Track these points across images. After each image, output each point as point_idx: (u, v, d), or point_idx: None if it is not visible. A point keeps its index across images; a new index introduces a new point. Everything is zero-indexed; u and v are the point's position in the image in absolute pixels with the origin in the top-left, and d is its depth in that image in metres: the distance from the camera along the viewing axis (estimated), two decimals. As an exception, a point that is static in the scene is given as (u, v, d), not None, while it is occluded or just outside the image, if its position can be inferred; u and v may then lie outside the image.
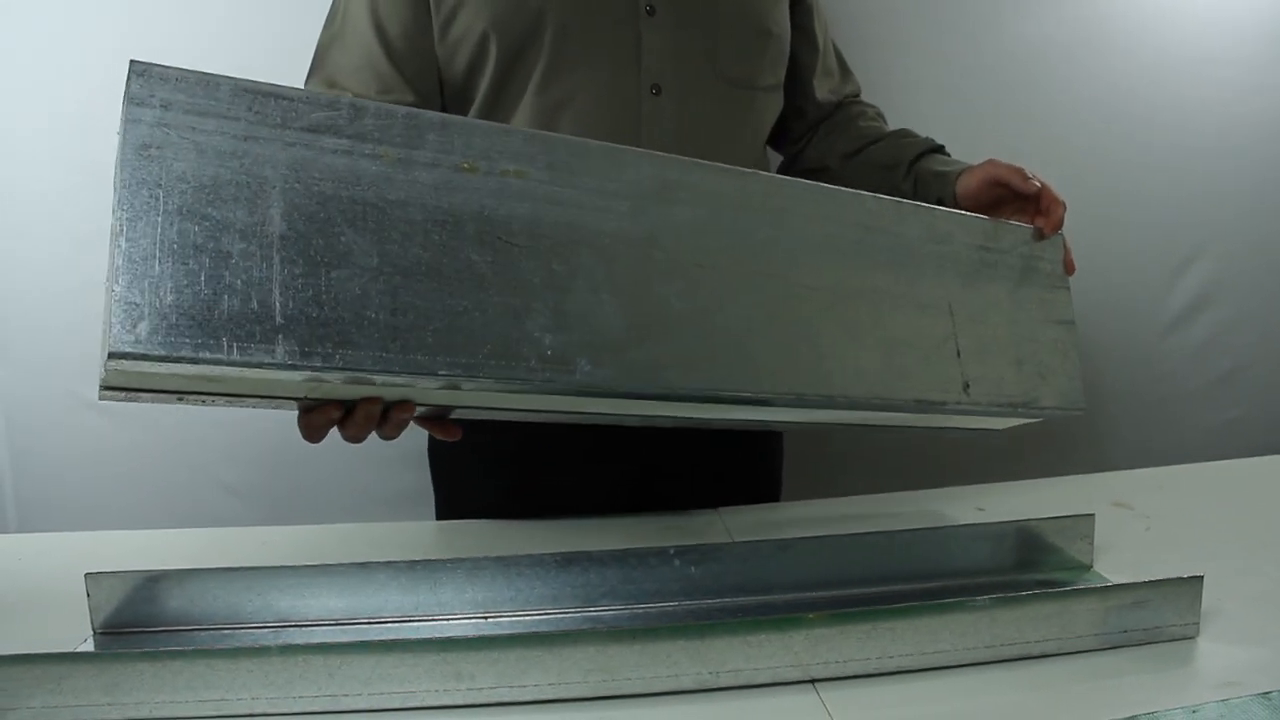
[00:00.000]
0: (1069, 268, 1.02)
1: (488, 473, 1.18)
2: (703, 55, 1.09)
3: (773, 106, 1.19)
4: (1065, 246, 1.02)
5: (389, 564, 0.85)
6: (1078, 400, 1.01)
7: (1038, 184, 1.00)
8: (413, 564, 0.85)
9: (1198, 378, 1.75)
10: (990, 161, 1.04)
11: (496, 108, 1.06)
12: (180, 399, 0.73)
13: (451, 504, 1.25)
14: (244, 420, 1.48)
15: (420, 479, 1.29)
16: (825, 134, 1.25)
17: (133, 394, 0.72)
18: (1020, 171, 1.01)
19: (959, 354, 0.92)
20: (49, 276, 1.45)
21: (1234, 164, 1.69)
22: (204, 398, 0.74)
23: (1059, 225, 1.00)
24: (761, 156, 1.21)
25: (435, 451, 1.26)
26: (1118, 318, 1.69)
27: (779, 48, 1.16)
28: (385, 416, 0.79)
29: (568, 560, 0.86)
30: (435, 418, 0.87)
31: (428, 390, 0.74)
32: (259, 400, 0.76)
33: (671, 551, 0.87)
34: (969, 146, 1.58)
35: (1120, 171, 1.66)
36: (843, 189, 0.89)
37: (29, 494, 1.50)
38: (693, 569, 0.87)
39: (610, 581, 0.87)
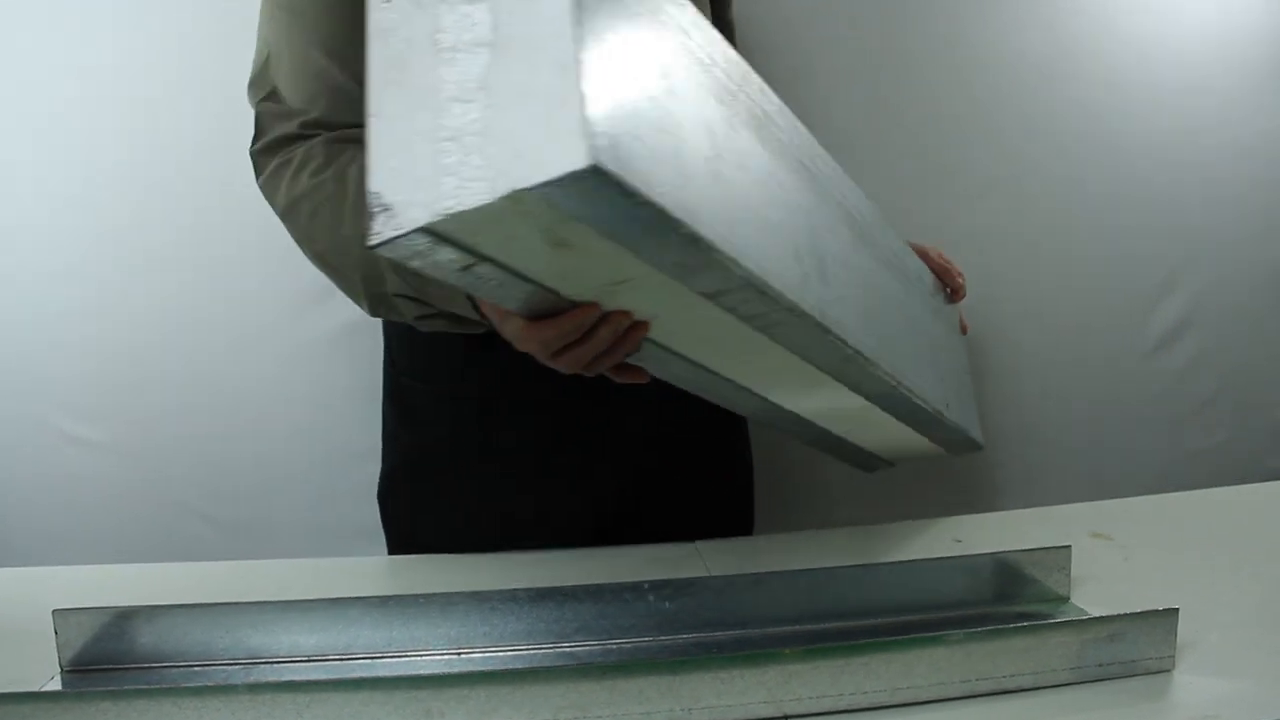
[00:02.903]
0: (963, 328, 1.20)
1: (452, 506, 1.17)
2: None
3: None
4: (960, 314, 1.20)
5: (361, 600, 0.85)
6: (979, 441, 1.18)
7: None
8: (385, 599, 0.85)
9: (1182, 401, 1.75)
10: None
11: None
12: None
13: (411, 539, 1.22)
14: (223, 451, 1.48)
15: None
16: None
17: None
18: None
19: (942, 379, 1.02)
20: (25, 306, 1.45)
21: (1211, 189, 1.69)
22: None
23: (962, 297, 1.18)
24: None
25: (390, 489, 1.24)
26: (1099, 342, 1.69)
27: None
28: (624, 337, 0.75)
29: (541, 595, 0.86)
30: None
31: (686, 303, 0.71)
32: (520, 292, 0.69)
33: (646, 586, 0.87)
34: (946, 171, 1.60)
35: (1099, 196, 1.66)
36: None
37: (2, 526, 1.48)
38: (667, 604, 0.87)
39: (584, 617, 0.86)
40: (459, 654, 0.84)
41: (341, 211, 0.94)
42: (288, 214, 0.98)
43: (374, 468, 1.50)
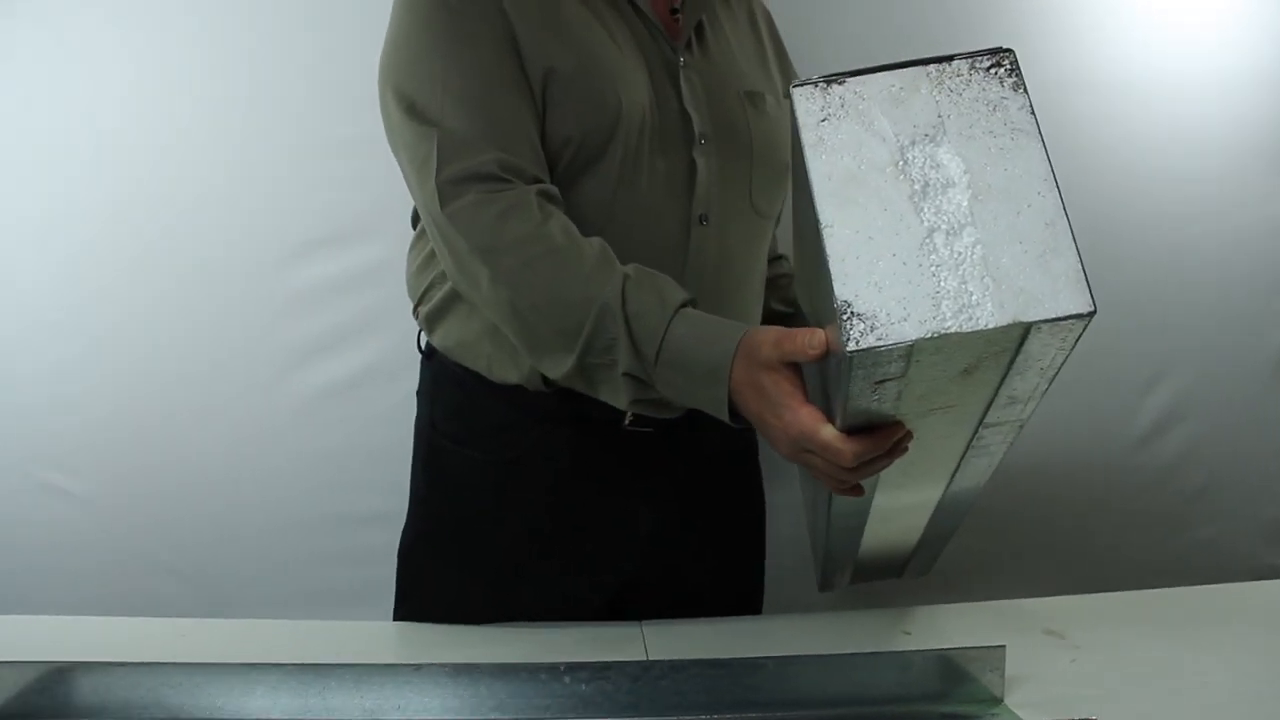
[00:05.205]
0: None
1: (476, 568, 1.17)
2: (740, 186, 1.13)
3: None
4: None
5: (279, 666, 0.86)
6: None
7: None
8: (303, 667, 0.86)
9: (1171, 496, 1.71)
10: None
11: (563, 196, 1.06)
12: None
13: (428, 599, 1.20)
14: (196, 504, 1.51)
15: (375, 575, 1.28)
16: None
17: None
18: None
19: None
20: (15, 360, 1.50)
21: (1201, 278, 1.68)
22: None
23: None
24: (764, 281, 1.24)
25: (415, 549, 1.23)
26: (1087, 434, 1.66)
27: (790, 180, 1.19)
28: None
29: (458, 671, 0.86)
30: None
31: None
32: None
33: (561, 668, 0.87)
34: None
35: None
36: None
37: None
38: (583, 687, 0.86)
39: (499, 696, 0.86)
40: (371, 726, 0.85)
41: (571, 274, 0.96)
42: (487, 253, 0.98)
43: (354, 532, 1.53)
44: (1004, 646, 0.92)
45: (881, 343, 0.66)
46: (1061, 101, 1.62)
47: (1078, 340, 0.70)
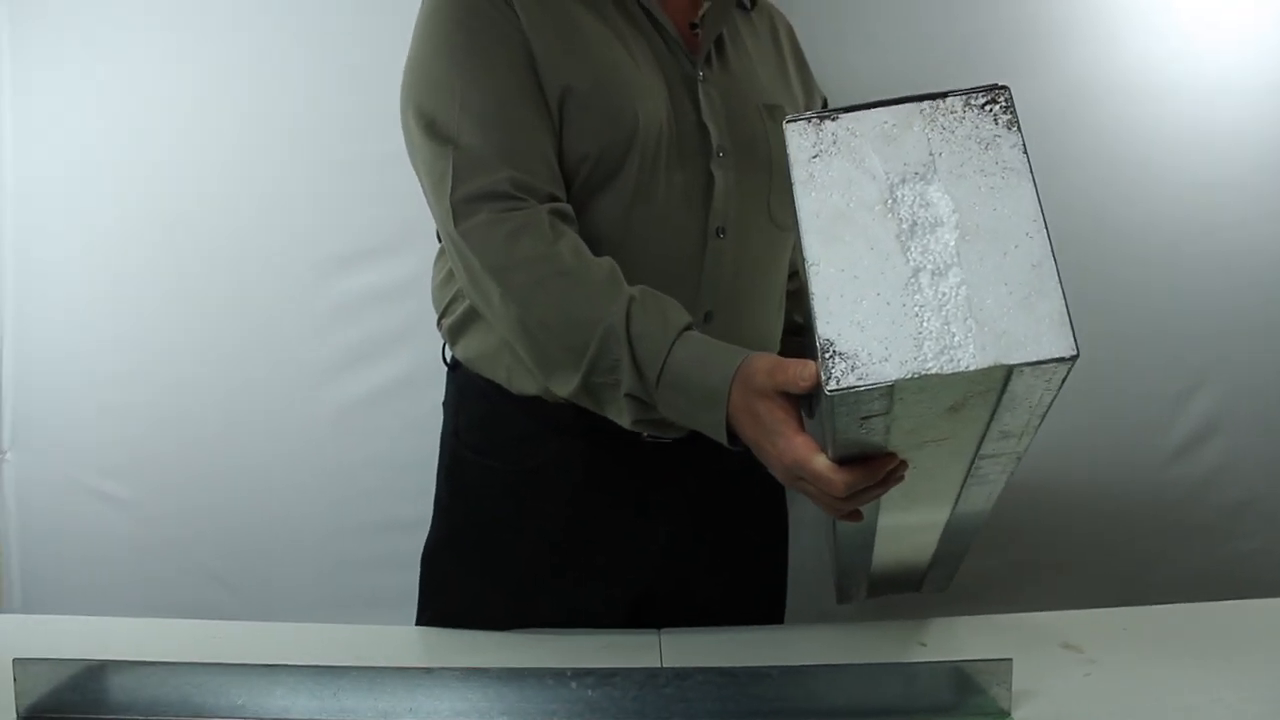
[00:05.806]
0: None
1: (495, 577, 1.19)
2: (759, 199, 1.14)
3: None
4: None
5: (297, 668, 0.89)
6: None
7: None
8: (319, 669, 0.88)
9: (1206, 509, 1.68)
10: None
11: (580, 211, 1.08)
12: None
13: (448, 606, 1.22)
14: (238, 511, 1.55)
15: (408, 581, 1.31)
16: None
17: None
18: None
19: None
20: (65, 374, 1.57)
21: (1238, 287, 1.65)
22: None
23: None
24: (784, 293, 1.26)
25: (436, 557, 1.25)
26: (1120, 446, 1.64)
27: None
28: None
29: (467, 675, 0.88)
30: None
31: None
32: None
33: (568, 674, 0.88)
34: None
35: (1123, 295, 1.63)
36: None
37: (34, 574, 1.57)
38: (589, 692, 0.88)
39: (507, 699, 0.88)
40: (384, 728, 0.87)
41: (579, 294, 0.98)
42: (499, 272, 1.01)
43: (386, 539, 1.57)
44: (1011, 660, 0.92)
45: (861, 383, 0.67)
46: (1095, 106, 1.62)
47: (1064, 381, 0.70)
